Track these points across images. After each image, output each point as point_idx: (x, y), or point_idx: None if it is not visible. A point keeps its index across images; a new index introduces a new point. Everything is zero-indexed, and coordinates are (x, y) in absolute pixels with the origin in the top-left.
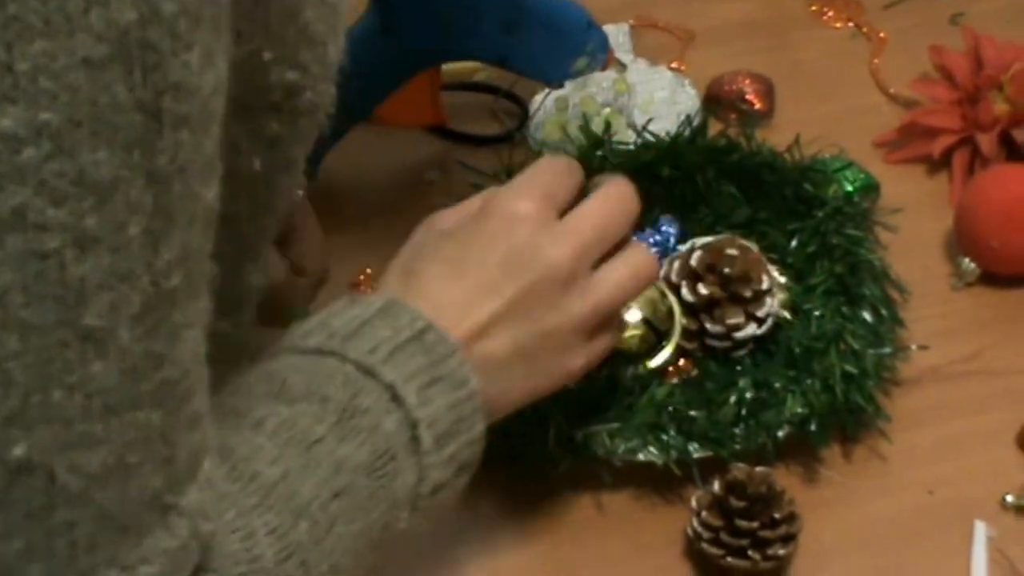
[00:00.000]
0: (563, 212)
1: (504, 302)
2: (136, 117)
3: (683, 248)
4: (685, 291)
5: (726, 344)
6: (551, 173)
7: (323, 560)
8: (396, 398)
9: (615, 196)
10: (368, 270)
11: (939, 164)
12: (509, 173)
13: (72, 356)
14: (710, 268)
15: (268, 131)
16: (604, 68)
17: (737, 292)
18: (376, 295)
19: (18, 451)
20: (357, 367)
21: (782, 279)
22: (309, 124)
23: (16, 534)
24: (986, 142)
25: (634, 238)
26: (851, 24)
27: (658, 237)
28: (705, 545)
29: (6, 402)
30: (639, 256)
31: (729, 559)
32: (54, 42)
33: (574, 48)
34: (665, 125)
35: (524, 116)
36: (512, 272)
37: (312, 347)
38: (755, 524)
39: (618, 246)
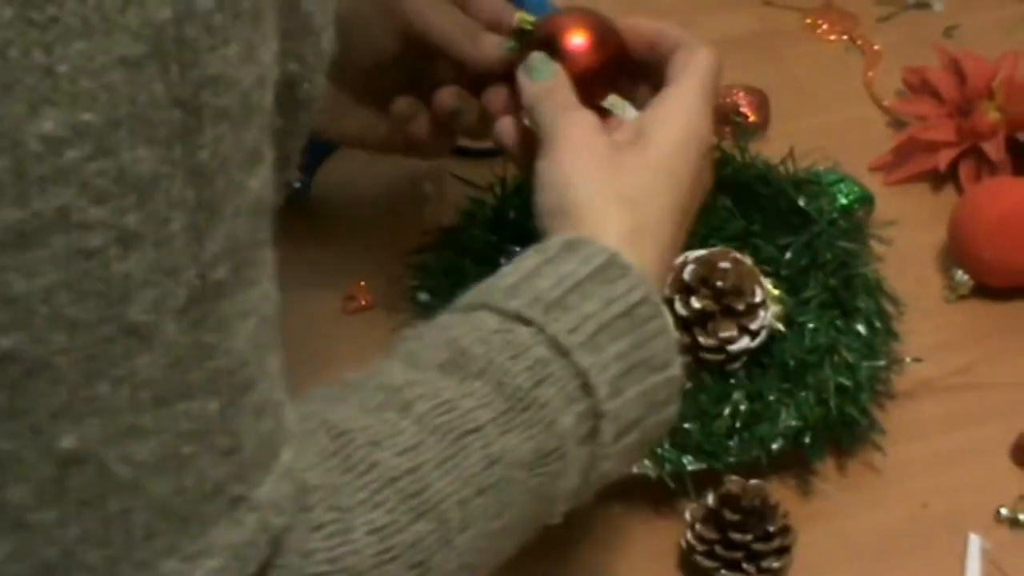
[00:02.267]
0: None
1: (684, 216)
2: (175, 113)
3: (676, 261)
4: (678, 305)
5: (720, 357)
6: (717, 83)
7: (451, 560)
8: (586, 386)
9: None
10: (362, 283)
11: (933, 176)
12: (503, 186)
13: (118, 350)
14: (703, 281)
15: (274, 126)
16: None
17: (730, 305)
18: (597, 244)
19: (67, 442)
20: (553, 345)
21: (776, 292)
22: (305, 116)
23: (72, 521)
24: (993, 148)
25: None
26: (845, 37)
27: None
28: (699, 558)
29: (54, 396)
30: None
31: (723, 572)
32: (92, 42)
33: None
34: None
35: None
36: (697, 194)
37: (512, 310)
38: (749, 537)
39: None
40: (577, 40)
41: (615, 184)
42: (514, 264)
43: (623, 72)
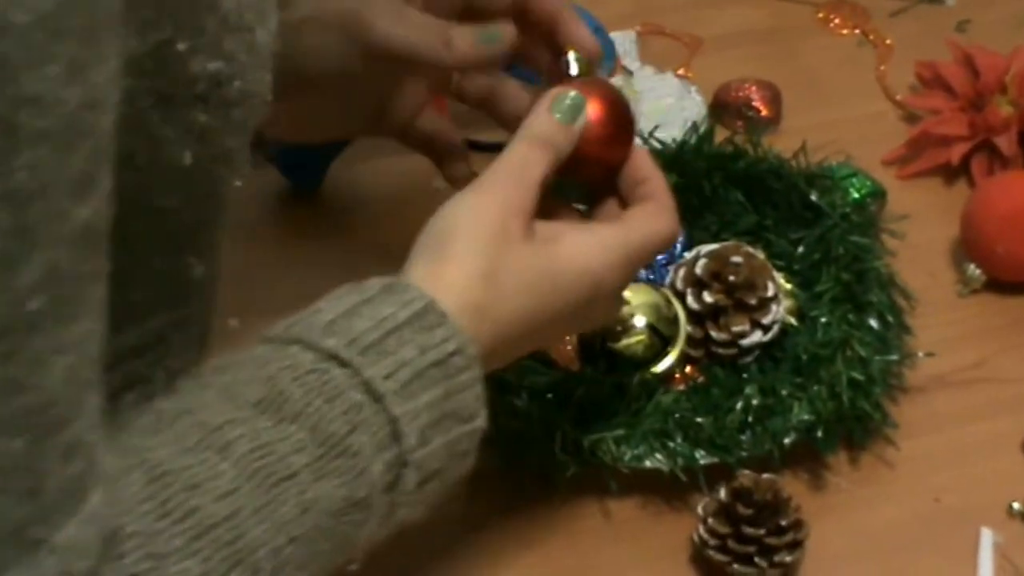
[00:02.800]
0: None
1: (551, 323)
2: None
3: (688, 255)
4: (690, 299)
5: (732, 351)
6: (653, 253)
7: None
8: (396, 434)
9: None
10: (373, 276)
11: (945, 171)
12: None
13: None
14: (715, 276)
15: (196, 123)
16: (610, 75)
17: (742, 300)
18: (417, 289)
19: None
20: (367, 390)
21: (788, 286)
22: (242, 113)
23: None
24: (1005, 142)
25: None
26: (857, 31)
27: None
28: (712, 552)
29: None
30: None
31: (736, 566)
32: None
33: None
34: (672, 132)
35: None
36: (573, 322)
37: (329, 349)
38: (762, 531)
39: None
40: (599, 114)
41: (494, 255)
42: (330, 300)
43: (611, 170)
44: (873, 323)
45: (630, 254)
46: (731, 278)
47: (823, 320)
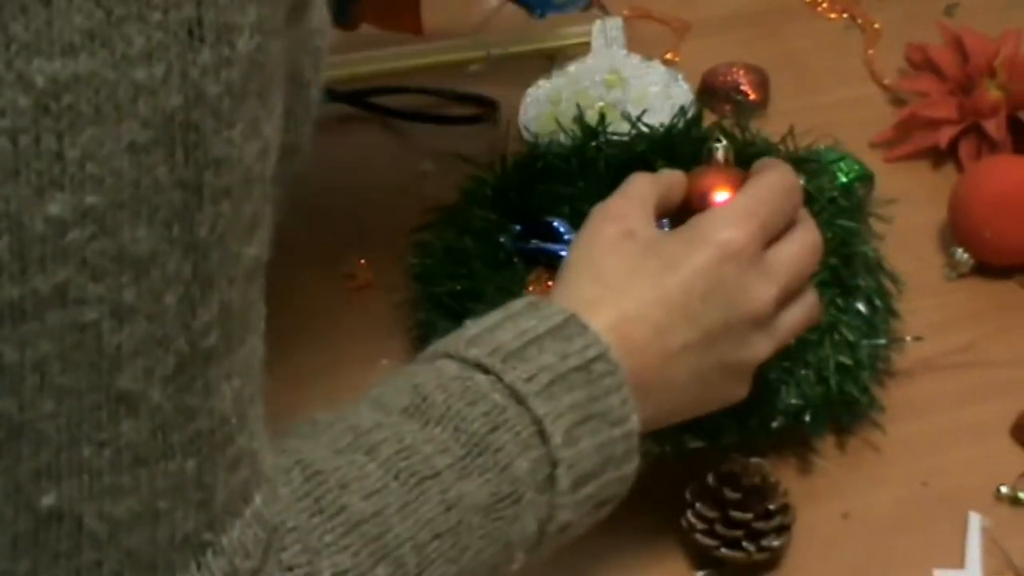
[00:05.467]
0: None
1: (700, 334)
2: (176, 194)
3: None
4: None
5: None
6: (771, 200)
7: None
8: (542, 433)
9: (812, 239)
10: (363, 261)
11: (933, 154)
12: (504, 164)
13: (103, 416)
14: None
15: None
16: (587, 7)
17: None
18: (558, 306)
19: (47, 500)
20: (509, 393)
21: None
22: (289, 164)
23: (44, 572)
24: (994, 127)
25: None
26: (845, 15)
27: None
28: (699, 536)
29: (38, 457)
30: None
31: (723, 550)
32: (103, 129)
33: None
34: (660, 118)
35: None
36: (715, 306)
37: (472, 358)
38: (749, 515)
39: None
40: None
41: (596, 257)
42: (479, 319)
43: None
44: (861, 307)
45: (746, 206)
46: None
47: None
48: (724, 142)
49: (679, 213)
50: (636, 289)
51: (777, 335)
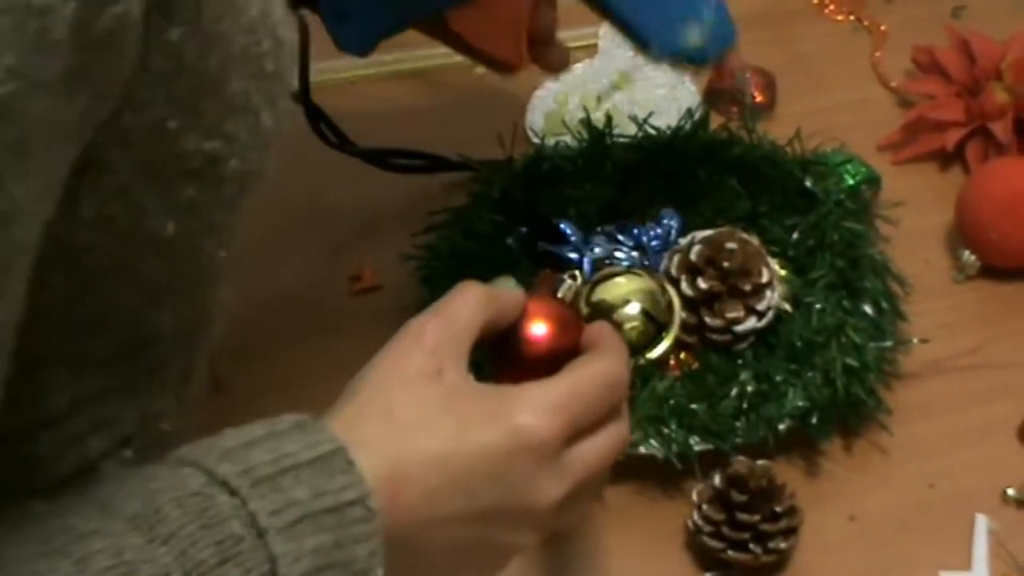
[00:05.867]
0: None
1: (473, 511)
2: None
3: (683, 242)
4: (685, 285)
5: (726, 338)
6: (590, 396)
7: None
8: (274, 574)
9: (622, 435)
10: (369, 263)
11: (940, 157)
12: (510, 168)
13: None
14: (710, 262)
15: (184, 196)
16: (722, 62)
17: (737, 286)
18: (329, 433)
19: None
20: (250, 523)
21: (783, 272)
22: (235, 190)
23: None
24: (1001, 129)
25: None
26: (852, 17)
27: (659, 230)
28: (706, 538)
29: None
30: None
31: (730, 552)
32: None
33: (683, 5)
34: (666, 120)
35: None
36: (496, 490)
37: (220, 475)
38: (756, 517)
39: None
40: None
41: (388, 391)
42: (241, 428)
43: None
44: (868, 309)
45: (559, 399)
46: (725, 264)
47: (817, 306)
48: (575, 282)
49: (501, 332)
50: (421, 444)
51: (550, 527)
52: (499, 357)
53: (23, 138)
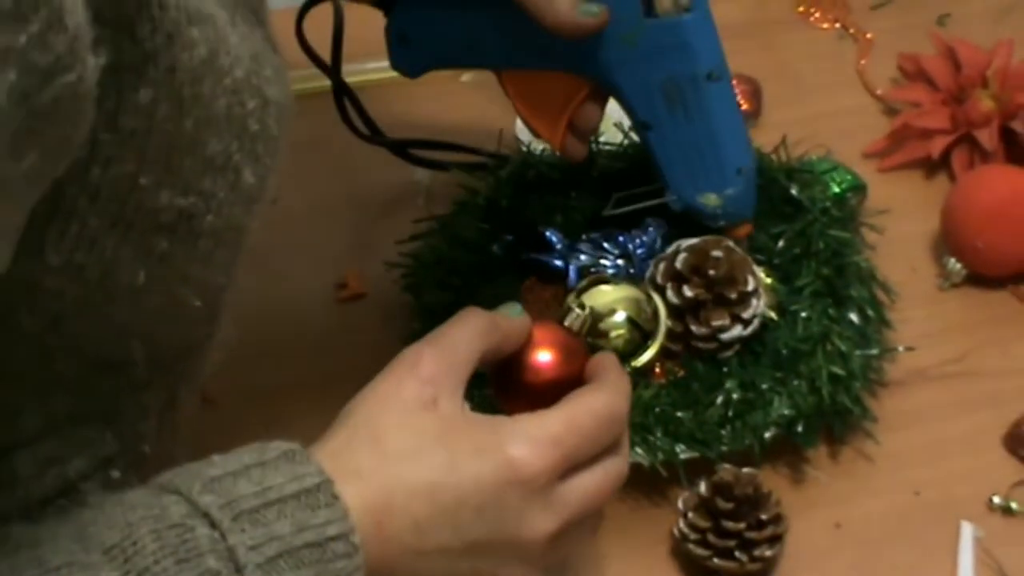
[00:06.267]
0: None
1: (461, 543)
2: None
3: (669, 250)
4: (670, 293)
5: (712, 346)
6: (587, 430)
7: None
8: None
9: (619, 470)
10: (355, 271)
11: (926, 164)
12: (496, 175)
13: None
14: (695, 270)
15: (156, 248)
16: (732, 231)
17: (723, 294)
18: (316, 465)
19: None
20: (228, 557)
21: (768, 280)
22: (211, 244)
23: None
24: (986, 136)
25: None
26: (838, 25)
27: (644, 238)
28: (692, 546)
29: None
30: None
31: (716, 560)
32: None
33: (711, 178)
34: None
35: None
36: (485, 523)
37: (202, 506)
38: (742, 525)
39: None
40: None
41: (377, 418)
42: (229, 454)
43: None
44: (853, 317)
45: (555, 433)
46: (711, 272)
47: (803, 314)
48: (585, 312)
49: (505, 358)
50: (410, 474)
51: (542, 562)
52: (502, 384)
53: None
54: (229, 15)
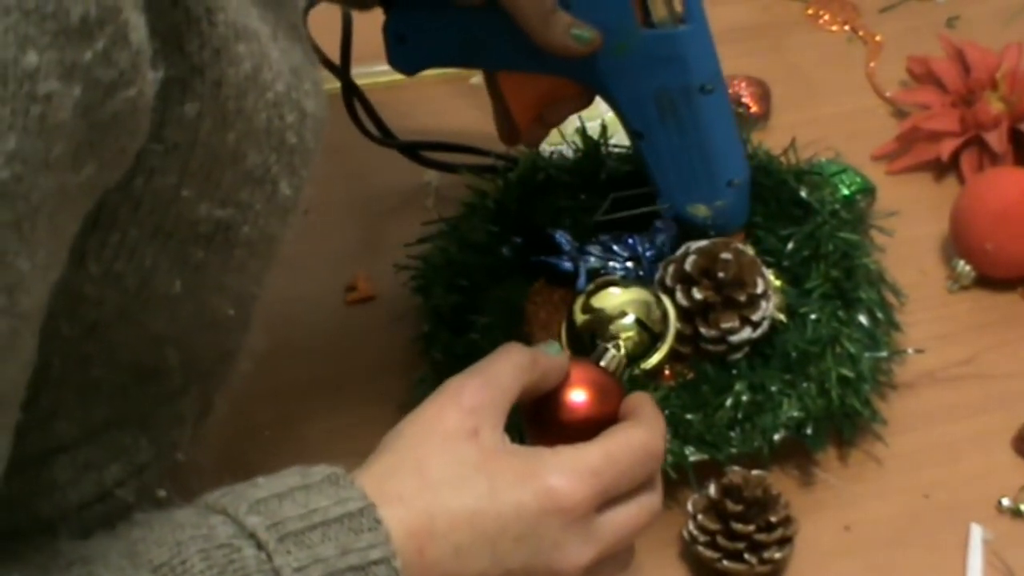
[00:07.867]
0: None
1: (499, 570)
2: None
3: (678, 252)
4: (680, 296)
5: (721, 348)
6: (625, 464)
7: None
8: None
9: (653, 505)
10: (364, 273)
11: (935, 167)
12: (505, 177)
13: None
14: (705, 272)
15: (193, 258)
16: (724, 235)
17: (732, 296)
18: (359, 489)
19: None
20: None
21: (777, 283)
22: (245, 254)
23: None
24: (995, 139)
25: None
26: (847, 28)
27: (654, 241)
28: (701, 548)
29: None
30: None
31: (725, 562)
32: None
33: (701, 189)
34: None
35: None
36: (523, 551)
37: (249, 527)
38: (751, 527)
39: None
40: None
41: (421, 446)
42: (274, 476)
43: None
44: (863, 320)
45: (594, 465)
46: (720, 275)
47: (812, 317)
48: (620, 352)
49: (541, 396)
50: (452, 500)
51: None
52: (536, 421)
53: (26, 215)
54: (271, 30)
